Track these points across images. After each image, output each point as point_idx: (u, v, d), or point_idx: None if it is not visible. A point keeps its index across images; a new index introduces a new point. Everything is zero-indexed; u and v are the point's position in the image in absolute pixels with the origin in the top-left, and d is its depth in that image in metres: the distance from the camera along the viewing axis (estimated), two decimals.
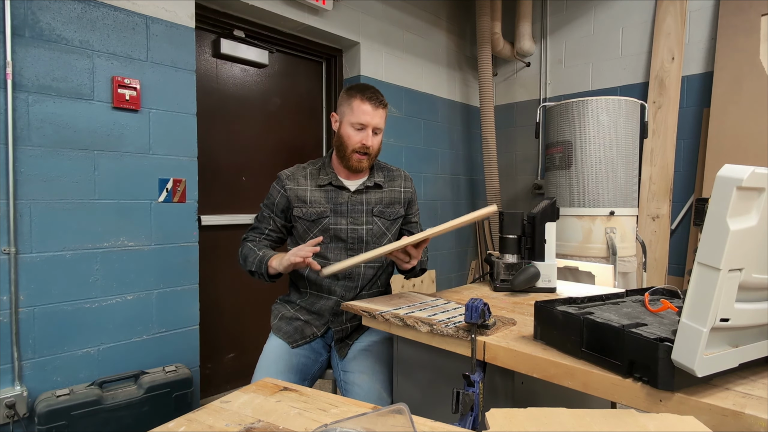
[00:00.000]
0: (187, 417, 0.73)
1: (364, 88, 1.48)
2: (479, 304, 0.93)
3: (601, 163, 2.48)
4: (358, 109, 1.44)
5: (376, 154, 1.52)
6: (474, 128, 3.88)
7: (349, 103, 1.46)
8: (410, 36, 3.28)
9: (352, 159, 1.47)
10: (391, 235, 1.55)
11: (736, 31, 2.70)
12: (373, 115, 1.44)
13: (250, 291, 2.62)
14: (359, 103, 1.44)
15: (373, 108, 1.44)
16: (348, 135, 1.46)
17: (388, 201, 1.55)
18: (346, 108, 1.47)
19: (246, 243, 1.53)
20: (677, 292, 1.05)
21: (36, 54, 1.72)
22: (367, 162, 1.49)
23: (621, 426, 0.62)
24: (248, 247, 1.50)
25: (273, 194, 1.52)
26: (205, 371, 2.38)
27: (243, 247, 1.53)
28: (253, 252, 1.46)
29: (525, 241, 1.43)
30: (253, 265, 1.44)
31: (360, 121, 1.44)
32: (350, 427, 0.62)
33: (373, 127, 1.46)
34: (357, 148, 1.45)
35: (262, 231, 1.55)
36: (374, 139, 1.47)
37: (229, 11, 2.43)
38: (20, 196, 1.69)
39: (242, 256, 1.51)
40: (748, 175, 0.59)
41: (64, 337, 1.79)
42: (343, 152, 1.48)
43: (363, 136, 1.45)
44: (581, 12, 3.38)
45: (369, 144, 1.45)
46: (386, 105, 1.49)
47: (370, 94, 1.45)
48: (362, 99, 1.44)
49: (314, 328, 1.47)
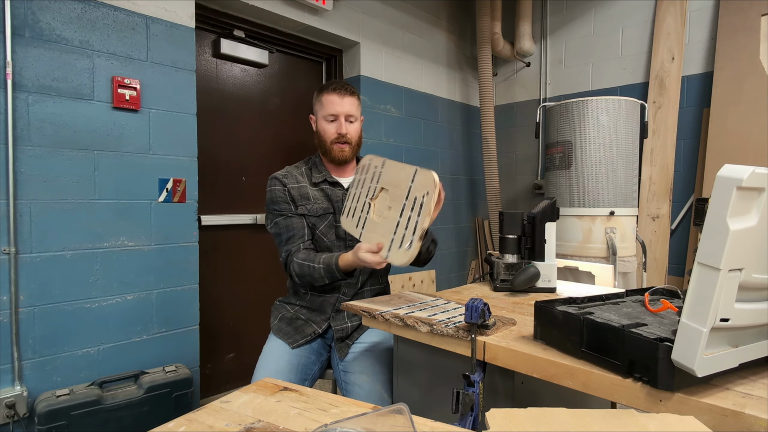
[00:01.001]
0: (187, 417, 0.73)
1: (331, 82, 1.52)
2: (479, 304, 0.93)
3: (601, 163, 2.48)
4: (327, 101, 1.47)
5: (357, 142, 1.53)
6: (474, 128, 3.88)
7: (318, 99, 1.51)
8: (410, 36, 3.28)
9: (334, 150, 1.49)
10: None
11: (736, 31, 2.70)
12: (342, 103, 1.47)
13: (250, 291, 2.62)
14: (326, 95, 1.48)
15: (340, 96, 1.47)
16: (324, 129, 1.50)
17: None
18: (317, 105, 1.52)
19: (295, 261, 1.40)
20: (677, 292, 1.04)
21: (36, 54, 1.72)
22: (350, 151, 1.50)
23: (621, 426, 0.62)
24: (299, 264, 1.38)
25: (277, 194, 1.48)
26: (205, 371, 2.38)
27: (293, 265, 1.40)
28: (310, 268, 1.36)
29: (525, 241, 1.43)
30: (323, 279, 1.35)
31: (330, 112, 1.47)
32: (350, 427, 0.62)
33: (345, 115, 1.48)
34: (334, 138, 1.48)
35: (301, 235, 1.44)
36: (349, 126, 1.49)
37: (229, 11, 2.43)
38: (20, 196, 1.69)
39: (301, 276, 1.38)
40: (748, 175, 0.59)
41: (64, 337, 1.80)
42: (324, 147, 1.51)
43: (337, 126, 1.48)
44: (581, 12, 3.38)
45: (344, 131, 1.47)
46: (354, 92, 1.51)
47: (336, 85, 1.49)
48: (329, 91, 1.48)
49: (315, 325, 1.47)
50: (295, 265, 1.39)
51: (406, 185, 1.15)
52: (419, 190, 1.12)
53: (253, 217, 2.59)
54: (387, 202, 1.21)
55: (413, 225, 1.10)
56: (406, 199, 1.14)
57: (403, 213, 1.14)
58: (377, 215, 1.22)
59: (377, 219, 1.22)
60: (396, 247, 1.14)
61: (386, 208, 1.20)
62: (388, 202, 1.20)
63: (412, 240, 1.10)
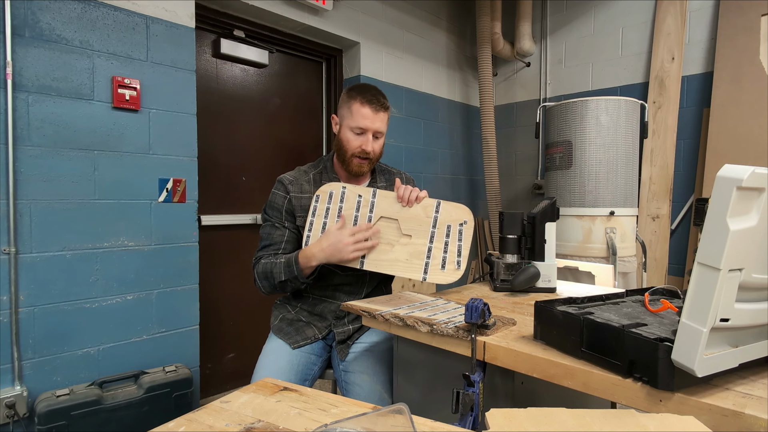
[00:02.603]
0: (187, 417, 0.73)
1: (365, 89, 1.42)
2: (479, 304, 0.93)
3: (601, 163, 2.48)
4: (358, 113, 1.37)
5: (377, 158, 1.47)
6: (474, 128, 3.88)
7: (348, 105, 1.40)
8: (410, 36, 3.28)
9: (352, 163, 1.42)
10: None
11: (736, 31, 2.70)
12: (374, 119, 1.38)
13: (250, 291, 2.61)
14: (359, 106, 1.38)
15: (374, 111, 1.38)
16: (347, 139, 1.40)
17: None
18: (345, 111, 1.42)
19: (260, 261, 1.41)
20: (677, 292, 1.04)
21: (36, 54, 1.72)
22: (368, 166, 1.44)
23: (621, 426, 0.62)
24: (263, 263, 1.39)
25: (277, 201, 1.44)
26: (205, 371, 2.38)
27: (257, 266, 1.40)
28: (271, 264, 1.36)
29: (525, 241, 1.43)
30: (281, 274, 1.33)
31: (359, 125, 1.38)
32: (350, 427, 0.62)
33: (374, 131, 1.40)
34: (356, 153, 1.40)
35: (277, 246, 1.42)
36: (375, 143, 1.41)
37: (229, 11, 2.43)
38: (20, 196, 1.69)
39: (262, 275, 1.38)
40: (748, 175, 0.59)
41: (64, 337, 1.79)
42: (343, 156, 1.43)
43: (362, 141, 1.39)
44: (581, 12, 3.38)
45: (369, 149, 1.39)
46: (388, 108, 1.43)
47: (370, 97, 1.39)
48: (362, 102, 1.38)
49: (316, 330, 1.46)
50: (260, 264, 1.39)
51: (428, 216, 1.31)
52: (453, 219, 1.30)
53: (253, 217, 2.59)
54: (399, 230, 1.33)
55: (455, 248, 1.27)
56: (434, 227, 1.30)
57: (434, 239, 1.29)
58: (386, 243, 1.33)
59: (387, 246, 1.32)
60: (437, 268, 1.27)
61: (400, 236, 1.32)
62: (404, 231, 1.32)
63: (459, 261, 1.27)
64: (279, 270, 1.33)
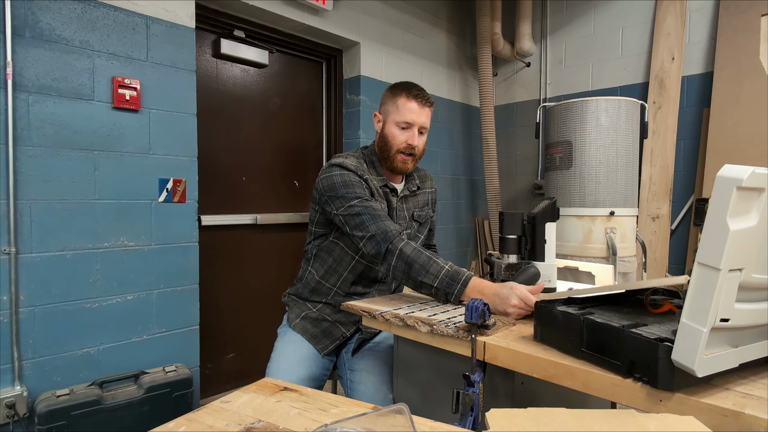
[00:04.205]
0: (187, 417, 0.73)
1: (410, 85, 1.42)
2: (479, 304, 0.93)
3: (601, 164, 2.48)
4: (404, 107, 1.38)
5: (421, 155, 1.46)
6: (474, 128, 3.88)
7: (394, 101, 1.41)
8: (410, 36, 3.28)
9: (397, 160, 1.41)
10: (422, 236, 1.55)
11: (736, 31, 2.70)
12: (420, 114, 1.39)
13: (250, 291, 2.62)
14: (405, 101, 1.38)
15: (420, 106, 1.39)
16: (393, 134, 1.40)
17: (422, 204, 1.55)
18: (390, 106, 1.42)
19: (409, 243, 1.20)
20: (677, 292, 1.04)
21: (36, 54, 1.72)
22: (412, 163, 1.43)
23: (621, 426, 0.62)
24: (414, 248, 1.19)
25: (350, 178, 1.31)
26: (205, 371, 2.38)
27: (405, 246, 1.19)
28: (428, 258, 1.16)
29: (525, 242, 1.43)
30: (435, 279, 1.14)
31: (406, 119, 1.38)
32: (350, 427, 0.62)
33: (419, 126, 1.40)
34: (402, 148, 1.39)
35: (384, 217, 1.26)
36: (420, 138, 1.42)
37: (229, 11, 2.43)
38: (20, 196, 1.69)
39: (406, 260, 1.17)
40: (748, 175, 0.59)
41: (64, 337, 1.79)
42: (387, 153, 1.42)
43: (408, 136, 1.39)
44: (581, 12, 3.38)
45: (415, 143, 1.39)
46: (433, 104, 1.43)
47: (417, 92, 1.40)
48: (408, 97, 1.39)
49: (342, 328, 1.42)
50: (408, 247, 1.19)
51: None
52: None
53: (253, 217, 2.59)
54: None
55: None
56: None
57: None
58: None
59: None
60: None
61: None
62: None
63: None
64: (436, 272, 1.14)
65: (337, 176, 1.33)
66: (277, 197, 2.72)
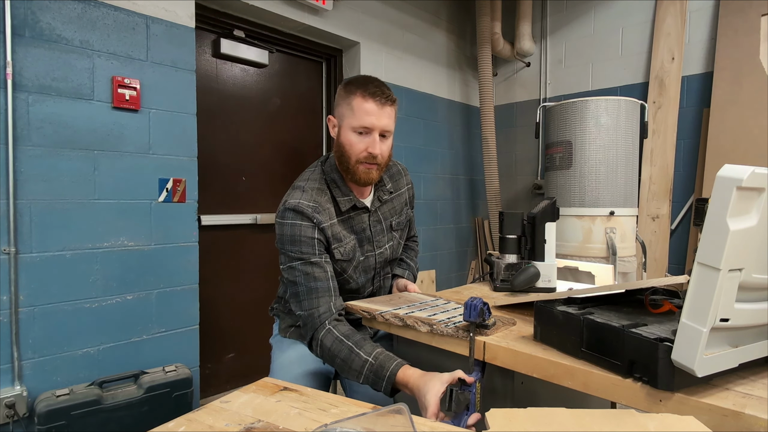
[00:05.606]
0: (187, 417, 0.73)
1: (366, 81, 1.20)
2: (478, 302, 0.93)
3: (601, 164, 2.48)
4: (360, 109, 1.16)
5: (386, 162, 1.24)
6: (474, 128, 3.88)
7: (348, 102, 1.19)
8: (410, 36, 3.28)
9: (358, 171, 1.20)
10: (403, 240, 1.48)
11: (736, 31, 2.70)
12: (380, 115, 1.16)
13: (250, 291, 2.62)
14: (361, 101, 1.16)
15: (379, 106, 1.16)
16: (350, 142, 1.18)
17: (399, 208, 1.41)
18: (345, 108, 1.20)
19: (332, 332, 1.10)
20: (677, 292, 1.04)
21: (36, 54, 1.72)
22: (377, 172, 1.22)
23: (621, 426, 0.62)
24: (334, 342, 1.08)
25: (304, 233, 1.16)
26: (205, 371, 2.38)
27: (325, 338, 1.10)
28: (349, 351, 1.05)
29: (525, 241, 1.43)
30: (360, 376, 1.03)
31: (363, 123, 1.16)
32: (350, 427, 0.62)
33: (381, 130, 1.18)
34: (362, 158, 1.18)
35: (322, 289, 1.15)
36: (383, 144, 1.19)
37: (229, 11, 2.43)
38: (20, 196, 1.69)
39: (328, 354, 1.09)
40: (748, 175, 0.59)
41: (64, 337, 1.79)
42: (346, 164, 1.20)
43: (368, 143, 1.17)
44: (581, 12, 3.38)
45: (377, 152, 1.17)
46: (395, 101, 1.21)
47: (374, 89, 1.17)
48: (364, 96, 1.16)
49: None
50: (329, 337, 1.09)
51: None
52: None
53: (253, 217, 2.59)
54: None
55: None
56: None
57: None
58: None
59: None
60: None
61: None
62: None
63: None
64: (359, 367, 1.03)
65: (287, 226, 1.18)
66: (277, 197, 2.70)
